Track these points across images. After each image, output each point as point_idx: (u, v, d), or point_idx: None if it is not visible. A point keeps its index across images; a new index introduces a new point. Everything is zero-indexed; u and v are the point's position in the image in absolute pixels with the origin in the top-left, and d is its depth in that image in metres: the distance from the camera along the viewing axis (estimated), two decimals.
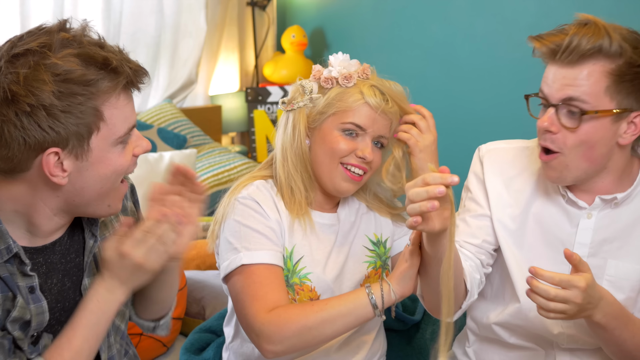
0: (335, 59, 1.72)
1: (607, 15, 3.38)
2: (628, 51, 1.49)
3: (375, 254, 1.81)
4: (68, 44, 1.26)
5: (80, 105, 1.25)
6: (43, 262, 1.38)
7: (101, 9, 3.50)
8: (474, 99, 3.59)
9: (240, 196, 1.69)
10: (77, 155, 1.28)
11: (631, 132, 1.53)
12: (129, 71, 1.29)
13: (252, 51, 4.32)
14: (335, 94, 1.69)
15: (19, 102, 1.23)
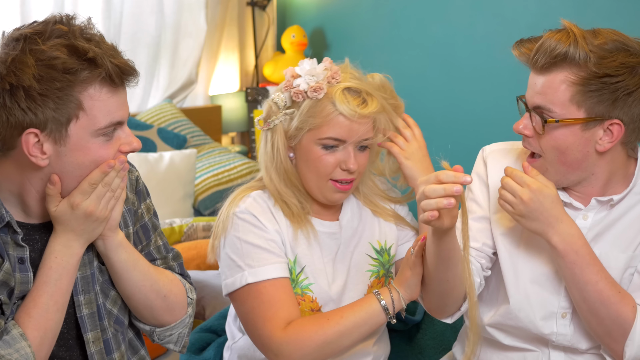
0: (301, 68, 1.66)
1: (607, 15, 3.39)
2: (592, 61, 1.49)
3: (378, 263, 1.79)
4: (61, 35, 1.35)
5: (58, 91, 1.32)
6: (39, 239, 1.45)
7: (101, 9, 3.50)
8: (474, 99, 3.58)
9: (238, 210, 1.68)
10: (55, 140, 1.35)
11: (608, 139, 1.54)
12: (109, 65, 1.35)
13: (252, 51, 4.32)
14: (307, 109, 1.64)
15: (2, 80, 1.32)
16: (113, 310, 1.54)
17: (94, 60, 1.33)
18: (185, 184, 3.33)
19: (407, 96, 4.26)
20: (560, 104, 1.53)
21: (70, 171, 1.38)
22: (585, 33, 1.54)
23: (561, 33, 1.55)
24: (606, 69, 1.49)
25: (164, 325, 1.60)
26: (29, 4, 3.28)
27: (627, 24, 3.09)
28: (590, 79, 1.50)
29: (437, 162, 1.58)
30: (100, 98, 1.36)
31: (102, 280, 1.52)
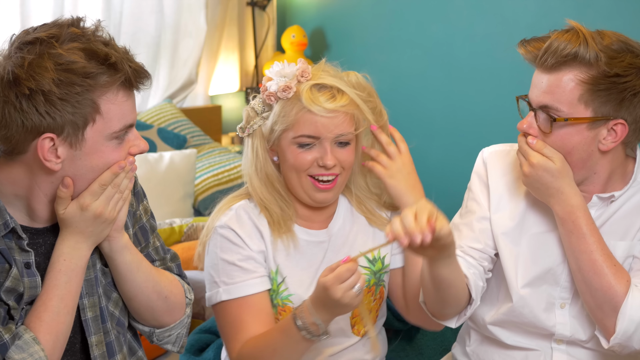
0: (270, 71, 1.66)
1: (607, 15, 3.39)
2: (602, 61, 1.51)
3: (369, 272, 1.76)
4: (76, 38, 1.34)
5: (77, 95, 1.32)
6: (42, 243, 1.44)
7: (101, 9, 3.50)
8: (473, 99, 3.59)
9: (219, 225, 1.68)
10: (71, 144, 1.35)
11: (611, 139, 1.56)
12: (129, 69, 1.35)
13: (252, 51, 4.32)
14: (278, 109, 1.64)
15: (20, 84, 1.30)
16: (115, 312, 1.54)
17: (114, 65, 1.33)
18: (185, 184, 3.33)
19: (407, 96, 4.28)
20: (569, 102, 1.54)
21: (82, 174, 1.38)
22: (592, 33, 1.55)
23: (570, 33, 1.56)
24: (616, 68, 1.51)
25: (164, 326, 1.60)
26: (28, 4, 3.28)
27: (627, 24, 3.10)
28: (600, 78, 1.52)
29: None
30: (117, 102, 1.37)
31: (104, 282, 1.52)
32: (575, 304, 1.67)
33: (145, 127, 3.51)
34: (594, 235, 1.59)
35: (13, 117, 1.32)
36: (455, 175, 3.79)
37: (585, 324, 1.66)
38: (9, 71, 1.31)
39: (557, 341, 1.70)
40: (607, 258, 1.58)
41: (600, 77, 1.52)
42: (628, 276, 1.58)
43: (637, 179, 1.65)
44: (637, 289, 1.56)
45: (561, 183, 1.58)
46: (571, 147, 1.57)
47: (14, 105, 1.31)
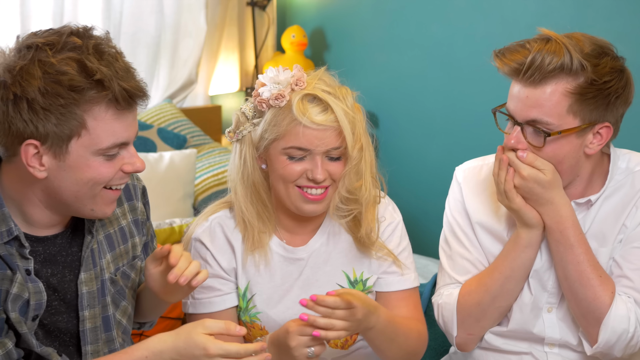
0: (264, 77, 1.61)
1: (607, 15, 3.39)
2: (589, 69, 1.51)
3: None
4: (73, 49, 1.31)
5: (61, 107, 1.29)
6: (42, 252, 1.43)
7: (101, 9, 3.50)
8: (473, 99, 3.59)
9: (194, 235, 1.67)
10: (55, 154, 1.33)
11: (597, 142, 1.58)
12: (117, 88, 1.31)
13: (252, 51, 4.32)
14: (270, 118, 1.57)
15: (7, 88, 1.29)
16: (122, 320, 1.55)
17: (101, 82, 1.30)
18: (185, 183, 3.33)
19: (407, 96, 4.28)
20: (557, 114, 1.53)
21: (67, 186, 1.36)
22: (570, 41, 1.54)
23: (550, 44, 1.53)
24: (602, 75, 1.52)
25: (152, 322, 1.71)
26: (28, 4, 3.27)
27: (627, 24, 3.10)
28: (587, 87, 1.52)
29: None
30: (105, 119, 1.33)
31: (113, 291, 1.52)
32: (562, 308, 1.68)
33: (145, 127, 3.51)
34: (582, 246, 1.60)
35: (1, 120, 1.31)
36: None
37: (573, 327, 1.67)
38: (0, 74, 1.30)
39: (549, 345, 1.70)
40: (594, 269, 1.59)
41: (586, 86, 1.52)
42: (613, 287, 1.60)
43: (614, 176, 1.66)
44: (620, 300, 1.58)
45: (552, 194, 1.58)
46: (562, 157, 1.58)
47: (1, 108, 1.30)
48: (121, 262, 1.55)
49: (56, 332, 1.46)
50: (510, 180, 1.58)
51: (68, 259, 1.46)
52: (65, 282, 1.45)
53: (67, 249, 1.46)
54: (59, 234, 1.45)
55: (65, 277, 1.45)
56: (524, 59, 1.54)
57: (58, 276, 1.44)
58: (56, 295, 1.44)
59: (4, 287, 1.35)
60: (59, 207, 1.40)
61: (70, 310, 1.46)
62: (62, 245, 1.45)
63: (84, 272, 1.46)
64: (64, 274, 1.45)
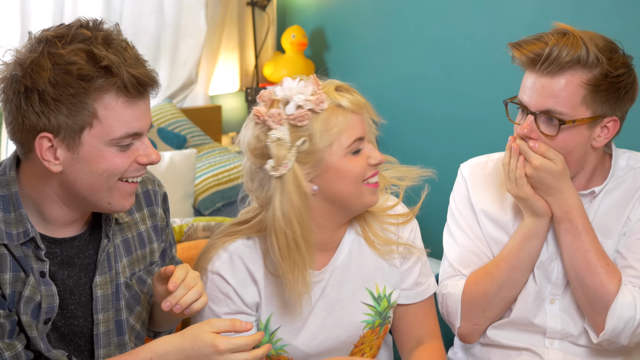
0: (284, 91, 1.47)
1: (607, 15, 3.39)
2: (604, 62, 1.56)
3: (374, 311, 1.60)
4: (83, 40, 1.32)
5: (71, 97, 1.29)
6: (59, 254, 1.43)
7: (101, 9, 3.50)
8: (473, 99, 3.59)
9: (210, 268, 1.54)
10: (68, 146, 1.33)
11: (604, 135, 1.63)
12: (125, 75, 1.31)
13: (252, 51, 4.32)
14: (320, 125, 1.44)
15: (18, 82, 1.30)
16: (136, 325, 1.54)
17: (109, 68, 1.30)
18: (185, 183, 3.33)
19: (407, 96, 4.29)
20: (571, 105, 1.58)
21: (83, 179, 1.35)
22: (585, 35, 1.59)
23: (567, 38, 1.58)
24: (615, 68, 1.57)
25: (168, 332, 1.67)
26: (29, 4, 3.28)
27: (627, 24, 3.10)
28: (601, 79, 1.57)
29: None
30: (116, 108, 1.32)
31: (128, 295, 1.52)
32: (565, 299, 1.71)
33: None
34: (589, 234, 1.64)
35: (14, 115, 1.32)
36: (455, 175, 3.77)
37: (576, 317, 1.70)
38: (12, 69, 1.32)
39: (550, 339, 1.73)
40: (601, 257, 1.63)
41: (601, 78, 1.57)
42: (620, 275, 1.63)
43: (615, 172, 1.71)
44: (627, 289, 1.61)
45: (561, 184, 1.62)
46: (572, 148, 1.62)
47: (14, 102, 1.31)
48: (137, 267, 1.54)
49: (71, 335, 1.45)
50: (522, 168, 1.62)
51: (85, 262, 1.45)
52: (80, 285, 1.45)
53: (84, 252, 1.45)
54: (77, 237, 1.44)
55: (80, 279, 1.45)
56: (542, 50, 1.58)
57: (74, 278, 1.44)
58: (72, 298, 1.44)
59: (17, 289, 1.35)
60: (77, 202, 1.40)
61: (85, 314, 1.46)
62: (80, 247, 1.45)
63: (99, 275, 1.45)
64: (79, 276, 1.45)
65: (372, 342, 1.64)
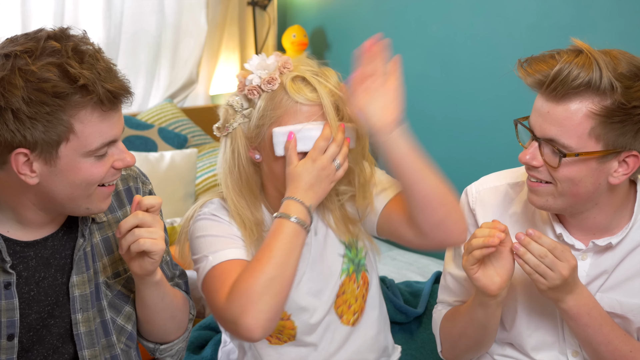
0: (250, 64, 1.59)
1: (607, 16, 3.38)
2: (619, 90, 1.37)
3: (347, 259, 1.70)
4: (52, 54, 1.28)
5: (47, 115, 1.27)
6: (33, 256, 1.42)
7: (102, 9, 3.50)
8: (474, 99, 3.59)
9: (201, 213, 1.63)
10: (45, 160, 1.31)
11: (623, 171, 1.46)
12: (101, 91, 1.29)
13: (252, 51, 4.32)
14: (264, 103, 1.56)
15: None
16: (126, 326, 1.54)
17: (85, 86, 1.28)
18: (186, 183, 3.34)
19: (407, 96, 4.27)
20: (578, 136, 1.41)
21: (60, 189, 1.35)
22: (604, 57, 1.41)
23: (580, 58, 1.41)
24: (631, 99, 1.38)
25: (169, 342, 1.62)
26: (29, 4, 3.28)
27: (627, 24, 3.10)
28: (615, 110, 1.39)
29: None
30: (92, 121, 1.31)
31: (111, 295, 1.51)
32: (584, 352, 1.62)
33: (146, 127, 3.51)
34: (608, 323, 1.53)
35: None
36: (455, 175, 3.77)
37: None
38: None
39: None
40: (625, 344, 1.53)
41: (614, 109, 1.38)
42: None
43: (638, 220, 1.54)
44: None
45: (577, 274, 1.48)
46: (579, 180, 1.46)
47: None
48: (121, 267, 1.54)
49: (48, 336, 1.45)
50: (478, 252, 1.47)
51: (61, 262, 1.45)
52: (57, 286, 1.44)
53: (60, 252, 1.45)
54: (50, 237, 1.44)
55: (56, 280, 1.44)
56: (549, 70, 1.40)
57: (49, 279, 1.43)
58: (48, 299, 1.43)
59: None
60: (54, 208, 1.40)
61: (63, 314, 1.46)
62: (55, 247, 1.44)
63: (75, 275, 1.45)
64: (55, 277, 1.44)
65: (354, 292, 1.70)
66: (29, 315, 1.42)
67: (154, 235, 1.39)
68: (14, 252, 1.40)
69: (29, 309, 1.42)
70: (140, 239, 1.38)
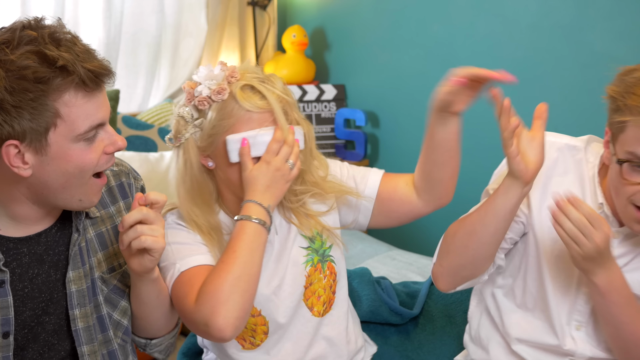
0: (198, 76, 1.64)
1: (607, 16, 3.37)
2: None
3: (311, 250, 1.74)
4: (29, 42, 1.30)
5: (32, 102, 1.28)
6: (27, 252, 1.42)
7: (102, 9, 3.50)
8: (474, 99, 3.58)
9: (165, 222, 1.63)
10: (36, 150, 1.31)
11: None
12: (82, 71, 1.30)
13: (252, 51, 4.32)
14: (215, 114, 1.60)
15: None
16: (122, 321, 1.54)
17: (65, 67, 1.29)
18: None
19: (407, 96, 4.27)
20: None
21: (54, 179, 1.35)
22: None
23: None
24: None
25: (159, 337, 1.63)
26: (29, 5, 3.28)
27: (627, 24, 3.10)
28: None
29: None
30: (77, 104, 1.32)
31: (107, 290, 1.51)
32: (589, 325, 1.64)
33: (146, 127, 3.51)
34: (634, 304, 1.53)
35: None
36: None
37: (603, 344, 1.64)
38: None
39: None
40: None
41: None
42: None
43: None
44: None
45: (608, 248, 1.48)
46: None
47: None
48: (116, 262, 1.54)
49: (43, 334, 1.45)
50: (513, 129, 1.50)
51: (54, 258, 1.45)
52: (50, 282, 1.44)
53: (54, 248, 1.45)
54: (43, 232, 1.44)
55: (50, 276, 1.44)
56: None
57: (43, 276, 1.43)
58: (42, 296, 1.43)
59: None
60: (47, 201, 1.40)
61: (58, 311, 1.45)
62: (48, 243, 1.44)
63: (72, 270, 1.45)
64: (49, 273, 1.44)
65: (321, 282, 1.73)
66: (23, 312, 1.41)
67: (156, 232, 1.40)
68: (7, 249, 1.40)
69: (23, 305, 1.41)
70: (142, 235, 1.39)
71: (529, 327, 1.72)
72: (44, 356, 1.45)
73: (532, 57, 3.34)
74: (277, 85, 1.63)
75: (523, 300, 1.72)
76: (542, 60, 3.30)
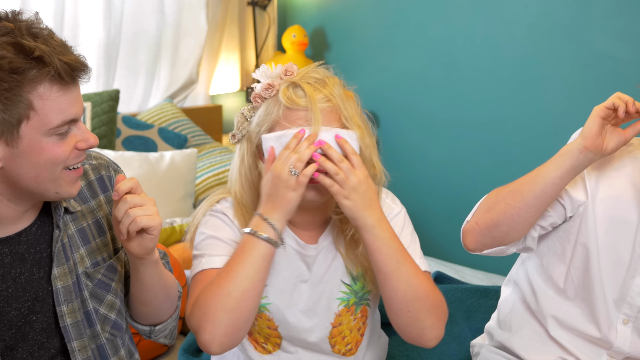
0: (256, 73, 1.60)
1: (607, 16, 3.38)
2: None
3: (350, 290, 1.65)
4: (6, 33, 1.28)
5: (6, 92, 1.27)
6: (8, 253, 1.41)
7: (102, 9, 3.50)
8: (474, 99, 3.59)
9: (213, 209, 1.63)
10: (7, 142, 1.30)
11: None
12: (58, 63, 1.29)
13: (252, 51, 4.33)
14: (262, 110, 1.57)
15: None
16: (110, 315, 1.53)
17: (41, 58, 1.28)
18: (186, 183, 3.34)
19: (407, 96, 4.28)
20: None
21: (26, 172, 1.34)
22: None
23: None
24: None
25: (162, 322, 1.63)
26: (29, 4, 3.28)
27: (627, 24, 3.10)
28: None
29: None
30: (51, 97, 1.31)
31: (92, 285, 1.51)
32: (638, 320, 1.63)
33: (146, 127, 3.51)
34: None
35: None
36: (455, 175, 3.79)
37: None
38: None
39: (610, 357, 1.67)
40: None
41: None
42: None
43: None
44: None
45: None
46: None
47: None
48: (100, 256, 1.53)
49: (32, 333, 1.44)
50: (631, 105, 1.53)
51: (37, 257, 1.44)
52: (34, 280, 1.43)
53: (35, 246, 1.44)
54: (23, 231, 1.43)
55: (33, 275, 1.44)
56: None
57: (26, 275, 1.43)
58: (27, 295, 1.43)
59: None
60: (22, 196, 1.39)
61: (44, 309, 1.45)
62: (29, 242, 1.44)
63: (56, 267, 1.44)
64: (32, 272, 1.43)
65: (350, 324, 1.66)
66: (9, 313, 1.41)
67: (148, 211, 1.40)
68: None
69: (8, 306, 1.41)
70: (137, 217, 1.39)
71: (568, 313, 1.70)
72: (34, 355, 1.45)
73: (532, 57, 3.34)
74: (329, 86, 1.55)
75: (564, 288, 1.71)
76: (542, 60, 3.30)
